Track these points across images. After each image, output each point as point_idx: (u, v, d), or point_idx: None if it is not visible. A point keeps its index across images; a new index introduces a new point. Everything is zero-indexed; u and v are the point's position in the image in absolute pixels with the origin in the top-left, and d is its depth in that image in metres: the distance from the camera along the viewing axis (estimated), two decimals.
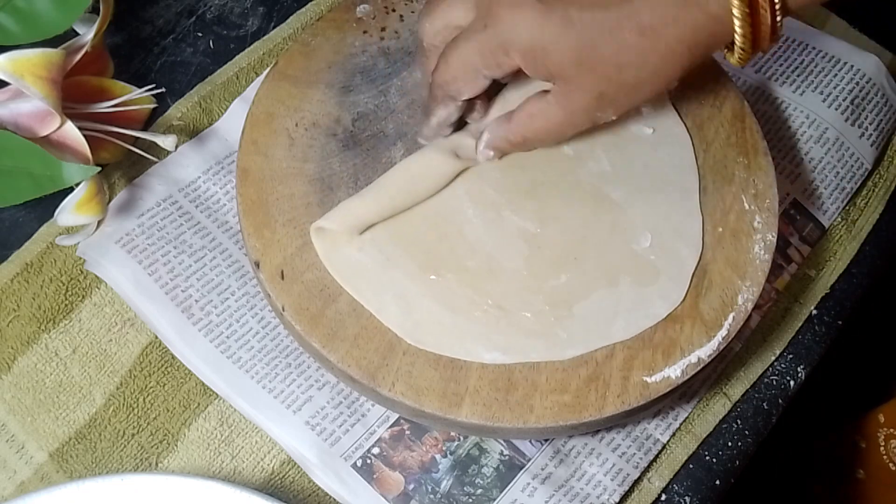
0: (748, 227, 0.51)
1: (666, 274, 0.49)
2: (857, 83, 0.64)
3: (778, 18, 0.43)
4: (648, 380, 0.46)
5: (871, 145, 0.64)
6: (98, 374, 0.51)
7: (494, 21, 0.45)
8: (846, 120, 0.63)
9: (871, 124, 0.64)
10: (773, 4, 0.42)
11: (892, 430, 0.84)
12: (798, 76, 0.65)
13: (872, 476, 0.87)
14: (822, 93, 0.64)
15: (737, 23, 0.42)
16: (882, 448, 0.85)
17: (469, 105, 0.50)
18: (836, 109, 0.63)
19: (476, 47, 0.45)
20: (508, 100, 0.50)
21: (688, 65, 0.44)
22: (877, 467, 0.86)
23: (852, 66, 0.65)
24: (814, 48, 0.66)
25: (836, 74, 0.65)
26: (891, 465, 0.84)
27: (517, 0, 0.44)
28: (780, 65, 0.65)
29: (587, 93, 0.45)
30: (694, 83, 0.55)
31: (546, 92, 0.46)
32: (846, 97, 0.64)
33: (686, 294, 0.48)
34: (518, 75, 0.47)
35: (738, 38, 0.43)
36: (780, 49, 0.66)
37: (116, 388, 0.51)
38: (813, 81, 0.64)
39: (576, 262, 0.49)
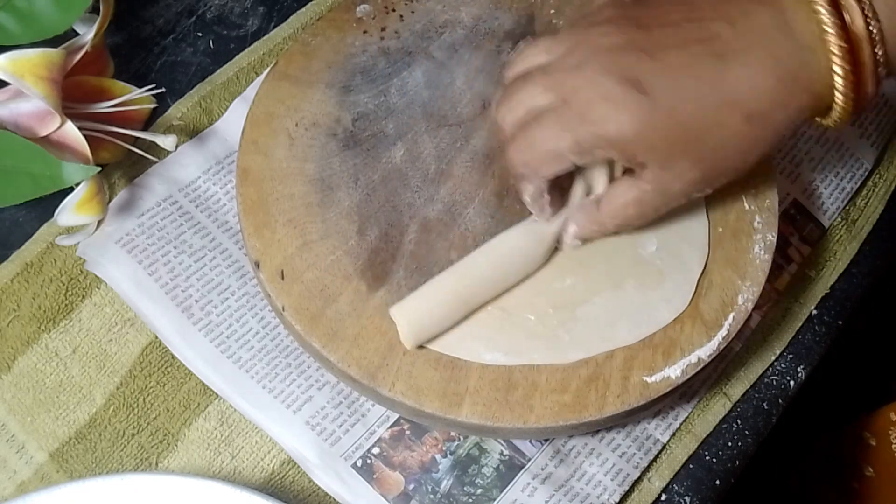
0: (748, 227, 0.51)
1: (671, 279, 0.49)
2: None
3: (879, 86, 0.42)
4: (648, 380, 0.46)
5: (872, 145, 0.63)
6: (98, 374, 0.51)
7: (584, 109, 0.41)
8: (844, 122, 0.63)
9: (871, 124, 0.64)
10: (877, 76, 0.41)
11: None
12: None
13: (882, 473, 0.87)
14: None
15: (839, 99, 0.41)
16: (894, 445, 0.85)
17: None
18: None
19: (567, 136, 0.42)
20: (588, 177, 0.47)
21: (784, 139, 0.42)
22: (886, 464, 0.86)
23: None
24: None
25: None
26: None
27: (607, 90, 0.41)
28: None
29: (687, 177, 0.42)
30: None
31: (632, 173, 0.44)
32: None
33: (691, 299, 0.48)
34: None
35: (837, 111, 0.42)
36: None
37: (116, 387, 0.51)
38: None
39: (582, 266, 0.49)
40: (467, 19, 0.56)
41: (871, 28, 0.40)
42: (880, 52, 0.40)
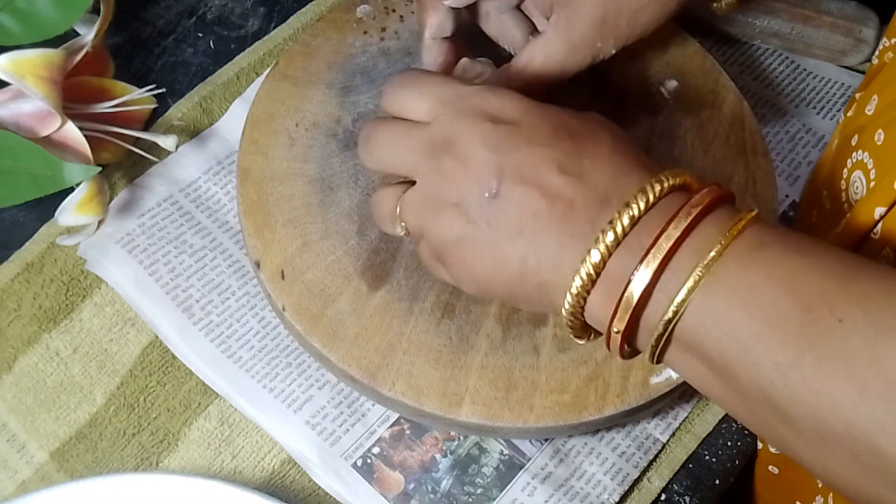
0: None
1: None
2: (852, 95, 0.65)
3: None
4: (648, 379, 0.46)
5: None
6: (99, 374, 0.51)
7: None
8: None
9: None
10: None
11: None
12: (792, 91, 0.65)
13: None
14: (814, 108, 0.65)
15: None
16: None
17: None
18: (832, 120, 0.64)
19: None
20: None
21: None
22: None
23: (843, 84, 0.66)
24: (804, 69, 0.66)
25: (828, 91, 0.66)
26: None
27: None
28: (777, 76, 0.66)
29: (587, 17, 0.44)
30: (694, 84, 0.55)
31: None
32: (840, 109, 0.65)
33: None
34: None
35: None
36: (773, 62, 0.67)
37: (117, 387, 0.51)
38: (806, 98, 0.65)
39: None
40: (467, 20, 0.56)
41: None
42: None
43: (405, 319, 0.47)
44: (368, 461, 0.50)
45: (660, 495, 0.52)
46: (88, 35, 0.52)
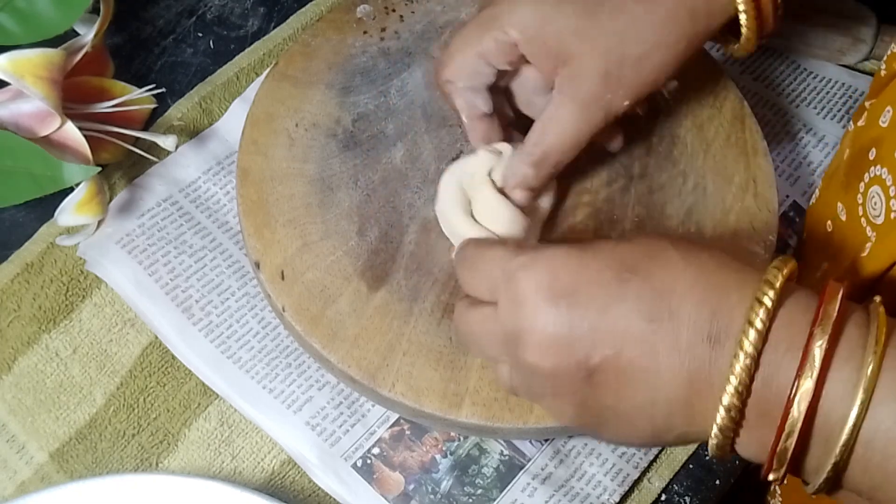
0: (748, 228, 0.51)
1: None
2: (851, 96, 0.65)
3: (778, 24, 0.43)
4: None
5: None
6: (98, 375, 0.51)
7: (493, 5, 0.44)
8: (843, 127, 0.64)
9: None
10: (776, 15, 0.42)
11: None
12: (793, 91, 0.65)
13: None
14: (815, 108, 0.64)
15: (745, 32, 0.42)
16: None
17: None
18: (832, 119, 0.64)
19: (474, 28, 0.45)
20: None
21: (690, 34, 0.43)
22: None
23: (843, 84, 0.66)
24: (804, 69, 0.66)
25: (828, 91, 0.65)
26: None
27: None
28: (777, 76, 0.66)
29: (593, 73, 0.43)
30: (694, 84, 0.55)
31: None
32: (840, 108, 0.65)
33: None
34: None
35: (743, 43, 0.43)
36: (773, 62, 0.66)
37: (117, 388, 0.51)
38: (806, 98, 0.65)
39: None
40: (467, 20, 0.56)
41: None
42: None
43: (405, 320, 0.47)
44: (368, 462, 0.50)
45: (660, 495, 0.52)
46: (88, 35, 0.52)
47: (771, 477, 0.34)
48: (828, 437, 0.32)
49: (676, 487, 0.52)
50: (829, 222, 0.53)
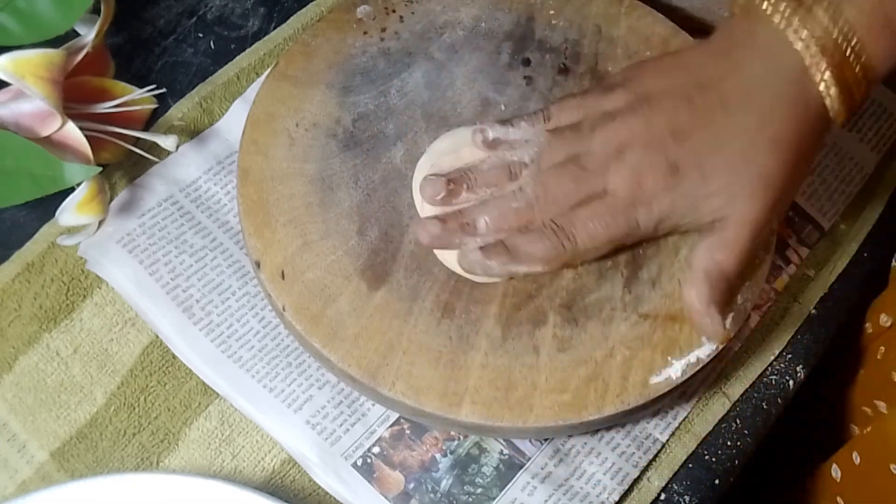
0: None
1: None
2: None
3: (868, 91, 0.46)
4: (648, 379, 0.46)
5: (872, 150, 0.64)
6: (99, 374, 0.51)
7: (633, 197, 0.46)
8: (843, 127, 0.63)
9: (869, 129, 0.64)
10: (863, 87, 0.45)
11: None
12: None
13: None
14: None
15: (834, 113, 0.45)
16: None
17: None
18: None
19: (620, 222, 0.47)
20: None
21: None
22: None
23: None
24: None
25: None
26: None
27: (654, 177, 0.46)
28: None
29: (755, 216, 0.46)
30: None
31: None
32: None
33: None
34: None
35: (836, 121, 0.46)
36: None
37: (117, 387, 0.51)
38: None
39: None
40: (467, 20, 0.56)
41: (849, 48, 0.44)
42: (860, 71, 0.44)
43: (405, 319, 0.47)
44: (368, 461, 0.50)
45: (659, 495, 0.52)
46: (89, 35, 0.52)
47: None
48: None
49: (676, 487, 0.52)
50: None
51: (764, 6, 0.45)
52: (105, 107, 0.53)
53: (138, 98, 0.54)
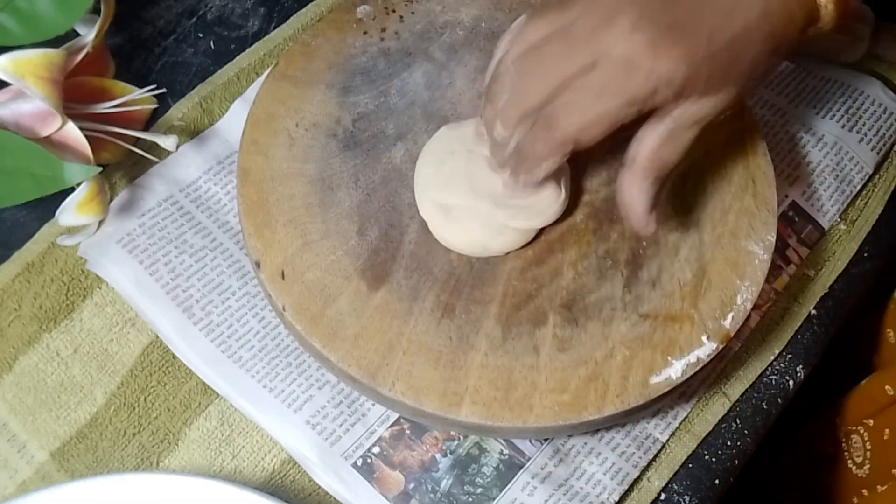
0: (747, 228, 0.51)
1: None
2: (850, 96, 0.65)
3: None
4: (648, 379, 0.46)
5: (872, 150, 0.64)
6: (99, 374, 0.51)
7: (628, 64, 0.41)
8: (843, 126, 0.64)
9: (870, 130, 0.64)
10: None
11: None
12: (791, 91, 0.65)
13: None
14: (815, 107, 0.65)
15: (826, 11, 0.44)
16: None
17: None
18: (832, 119, 0.64)
19: (621, 93, 0.42)
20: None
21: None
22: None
23: (842, 83, 0.66)
24: (804, 69, 0.66)
25: (827, 91, 0.66)
26: None
27: (649, 39, 0.41)
28: (775, 76, 0.66)
29: (724, 98, 0.44)
30: None
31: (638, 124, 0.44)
32: (839, 108, 0.65)
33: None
34: None
35: (825, 20, 0.45)
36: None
37: (117, 387, 0.51)
38: (805, 97, 0.65)
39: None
40: (467, 20, 0.56)
41: None
42: None
43: (405, 319, 0.47)
44: (368, 461, 0.50)
45: (659, 495, 0.52)
46: (89, 35, 0.52)
47: None
48: None
49: (676, 487, 0.53)
50: None
51: None
52: (105, 107, 0.53)
53: (138, 98, 0.54)
